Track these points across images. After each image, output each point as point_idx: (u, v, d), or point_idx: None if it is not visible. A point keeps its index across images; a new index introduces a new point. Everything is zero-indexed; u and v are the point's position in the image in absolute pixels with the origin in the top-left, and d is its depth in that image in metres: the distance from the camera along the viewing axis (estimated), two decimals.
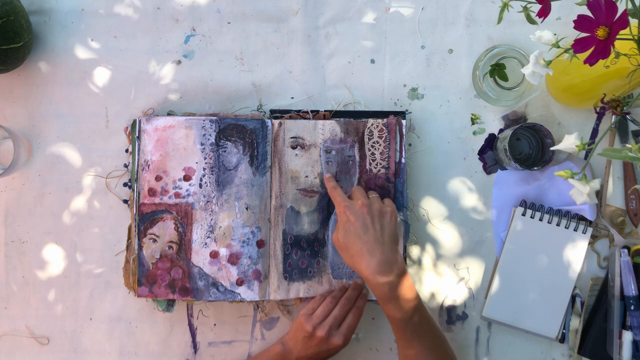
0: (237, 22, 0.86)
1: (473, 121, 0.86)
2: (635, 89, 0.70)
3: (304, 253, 0.82)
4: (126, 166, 0.85)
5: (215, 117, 0.82)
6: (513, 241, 0.83)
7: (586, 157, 0.83)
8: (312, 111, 0.84)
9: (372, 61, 0.86)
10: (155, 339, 0.84)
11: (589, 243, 0.82)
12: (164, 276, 0.80)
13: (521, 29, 0.85)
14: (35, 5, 0.86)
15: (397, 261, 0.71)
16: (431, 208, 0.85)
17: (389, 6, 0.86)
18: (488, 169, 0.85)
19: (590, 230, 0.82)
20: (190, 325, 0.84)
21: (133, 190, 0.83)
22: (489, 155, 0.85)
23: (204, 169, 0.81)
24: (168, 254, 0.81)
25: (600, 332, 0.81)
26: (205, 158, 0.81)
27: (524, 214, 0.82)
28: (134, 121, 0.83)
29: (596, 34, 0.51)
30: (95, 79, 0.86)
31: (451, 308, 0.85)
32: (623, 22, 0.49)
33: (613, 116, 0.84)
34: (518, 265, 0.83)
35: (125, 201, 0.85)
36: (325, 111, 0.84)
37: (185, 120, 0.82)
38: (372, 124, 0.82)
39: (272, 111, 0.85)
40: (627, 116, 0.81)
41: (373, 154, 0.82)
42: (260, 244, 0.81)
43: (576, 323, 0.82)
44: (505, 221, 0.84)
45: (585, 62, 0.52)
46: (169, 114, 0.85)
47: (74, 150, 0.86)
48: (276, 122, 0.82)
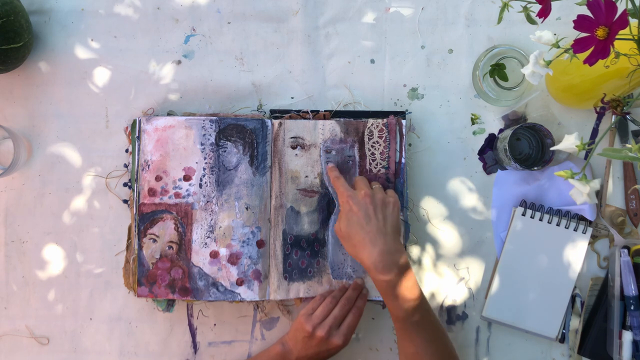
0: (237, 22, 0.86)
1: (473, 121, 0.86)
2: (635, 89, 0.70)
3: (304, 253, 0.82)
4: (126, 166, 0.85)
5: (215, 117, 0.82)
6: (513, 241, 0.83)
7: (586, 157, 0.83)
8: (312, 111, 0.84)
9: (372, 61, 0.86)
10: (155, 339, 0.84)
11: (589, 243, 0.82)
12: (164, 276, 0.80)
13: (521, 29, 0.85)
14: (35, 5, 0.86)
15: (399, 251, 0.72)
16: (431, 208, 0.85)
17: (389, 6, 0.86)
18: (488, 169, 0.85)
19: (590, 230, 0.82)
20: (190, 325, 0.84)
21: (133, 190, 0.83)
22: (489, 155, 0.85)
23: (204, 169, 0.81)
24: (168, 254, 0.81)
25: (600, 332, 0.81)
26: (205, 158, 0.81)
27: (524, 214, 0.82)
28: (134, 121, 0.83)
29: (596, 34, 0.51)
30: (95, 79, 0.86)
31: (451, 308, 0.85)
32: (622, 22, 0.49)
33: (613, 116, 0.84)
34: (518, 265, 0.83)
35: (125, 201, 0.85)
36: (325, 111, 0.84)
37: (185, 120, 0.82)
38: (372, 124, 0.82)
39: (272, 111, 0.85)
40: (627, 116, 0.81)
41: (373, 154, 0.82)
42: (260, 244, 0.81)
43: (576, 323, 0.82)
44: (505, 221, 0.84)
45: (584, 62, 0.52)
46: (169, 114, 0.85)
47: (74, 150, 0.86)
48: (276, 122, 0.82)
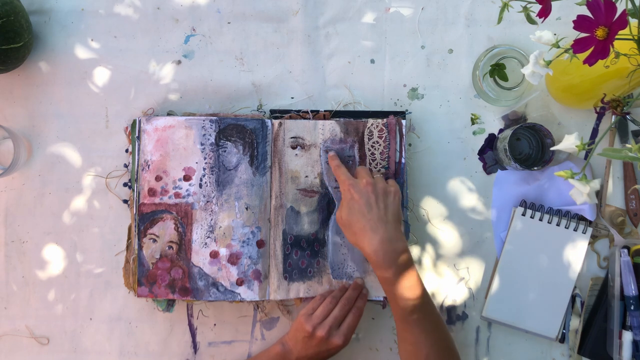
0: (237, 22, 0.86)
1: (473, 121, 0.86)
2: (635, 89, 0.70)
3: (304, 253, 0.82)
4: (126, 166, 0.85)
5: (215, 117, 0.82)
6: (513, 241, 0.83)
7: (586, 157, 0.83)
8: (312, 111, 0.84)
9: (372, 61, 0.86)
10: (155, 339, 0.84)
11: (589, 243, 0.82)
12: (164, 276, 0.80)
13: (521, 29, 0.85)
14: (35, 5, 0.86)
15: (400, 239, 0.72)
16: (431, 208, 0.85)
17: (389, 6, 0.86)
18: (488, 169, 0.85)
19: (590, 230, 0.82)
20: (190, 325, 0.84)
21: (133, 190, 0.83)
22: (489, 155, 0.85)
23: (204, 169, 0.81)
24: (168, 254, 0.81)
25: (600, 332, 0.81)
26: (205, 158, 0.81)
27: (524, 214, 0.82)
28: (134, 121, 0.83)
29: (595, 34, 0.51)
30: (95, 79, 0.86)
31: (451, 308, 0.85)
32: (622, 22, 0.49)
33: (613, 116, 0.84)
34: (518, 265, 0.83)
35: (125, 201, 0.85)
36: (325, 111, 0.84)
37: (185, 120, 0.82)
38: (372, 124, 0.82)
39: (272, 111, 0.85)
40: (627, 116, 0.81)
41: (373, 154, 0.82)
42: (260, 244, 0.81)
43: (576, 323, 0.82)
44: (505, 221, 0.84)
45: (584, 63, 0.52)
46: (169, 114, 0.85)
47: (74, 150, 0.86)
48: (276, 122, 0.82)
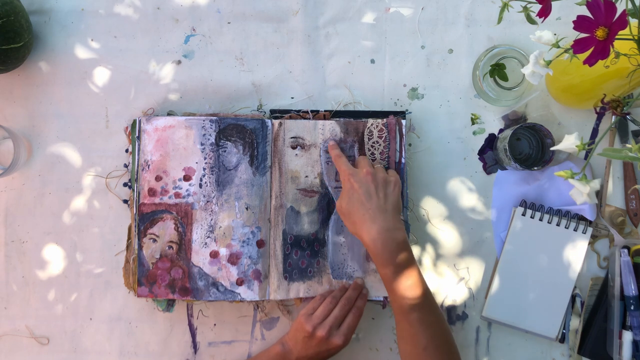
0: (237, 22, 0.86)
1: (473, 121, 0.86)
2: (635, 89, 0.70)
3: (304, 253, 0.82)
4: (126, 166, 0.85)
5: (215, 117, 0.82)
6: (513, 241, 0.83)
7: (586, 157, 0.83)
8: (312, 111, 0.84)
9: (372, 61, 0.86)
10: (155, 339, 0.84)
11: (589, 243, 0.82)
12: (164, 276, 0.80)
13: (521, 29, 0.85)
14: (35, 5, 0.86)
15: (399, 229, 0.72)
16: (431, 208, 0.85)
17: (389, 6, 0.86)
18: (488, 169, 0.85)
19: (590, 230, 0.82)
20: (190, 325, 0.84)
21: (133, 190, 0.83)
22: (489, 155, 0.85)
23: (204, 169, 0.81)
24: (168, 254, 0.81)
25: (600, 332, 0.81)
26: (205, 158, 0.81)
27: (524, 214, 0.82)
28: (134, 121, 0.83)
29: (595, 35, 0.51)
30: (95, 79, 0.86)
31: (451, 308, 0.85)
32: (622, 23, 0.49)
33: (613, 116, 0.84)
34: (518, 265, 0.83)
35: (125, 201, 0.85)
36: (325, 111, 0.84)
37: (185, 120, 0.82)
38: (372, 124, 0.82)
39: (272, 111, 0.85)
40: (627, 116, 0.81)
41: (373, 154, 0.82)
42: (260, 244, 0.81)
43: (576, 323, 0.82)
44: (505, 221, 0.84)
45: (584, 63, 0.52)
46: (169, 114, 0.85)
47: (74, 150, 0.86)
48: (276, 122, 0.82)
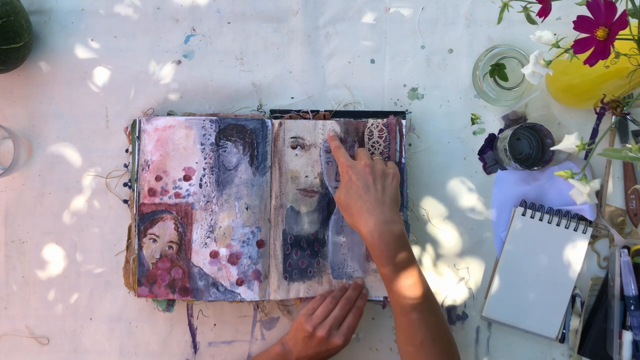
0: (237, 22, 0.86)
1: (473, 121, 0.86)
2: (635, 89, 0.70)
3: (304, 253, 0.82)
4: (126, 166, 0.85)
5: (215, 117, 0.82)
6: (513, 241, 0.83)
7: (586, 157, 0.83)
8: (312, 111, 0.84)
9: (372, 61, 0.86)
10: (155, 339, 0.84)
11: (589, 243, 0.82)
12: (164, 276, 0.80)
13: (521, 29, 0.85)
14: (35, 5, 0.86)
15: (396, 221, 0.72)
16: (431, 208, 0.85)
17: (389, 6, 0.86)
18: (488, 169, 0.85)
19: (590, 230, 0.82)
20: (190, 325, 0.84)
21: (133, 190, 0.83)
22: (489, 155, 0.85)
23: (204, 169, 0.81)
24: (168, 254, 0.81)
25: (600, 332, 0.81)
26: (205, 158, 0.81)
27: (524, 214, 0.82)
28: (134, 121, 0.83)
29: (596, 35, 0.51)
30: (95, 79, 0.86)
31: (451, 308, 0.85)
32: (622, 23, 0.49)
33: (613, 116, 0.84)
34: (518, 265, 0.83)
35: (125, 201, 0.85)
36: (325, 111, 0.84)
37: (185, 120, 0.82)
38: (372, 124, 0.82)
39: (272, 111, 0.85)
40: (627, 116, 0.81)
41: (373, 154, 0.82)
42: (260, 244, 0.81)
43: (576, 323, 0.82)
44: (505, 221, 0.84)
45: (585, 63, 0.52)
46: (169, 114, 0.85)
47: (74, 150, 0.86)
48: (276, 122, 0.82)
